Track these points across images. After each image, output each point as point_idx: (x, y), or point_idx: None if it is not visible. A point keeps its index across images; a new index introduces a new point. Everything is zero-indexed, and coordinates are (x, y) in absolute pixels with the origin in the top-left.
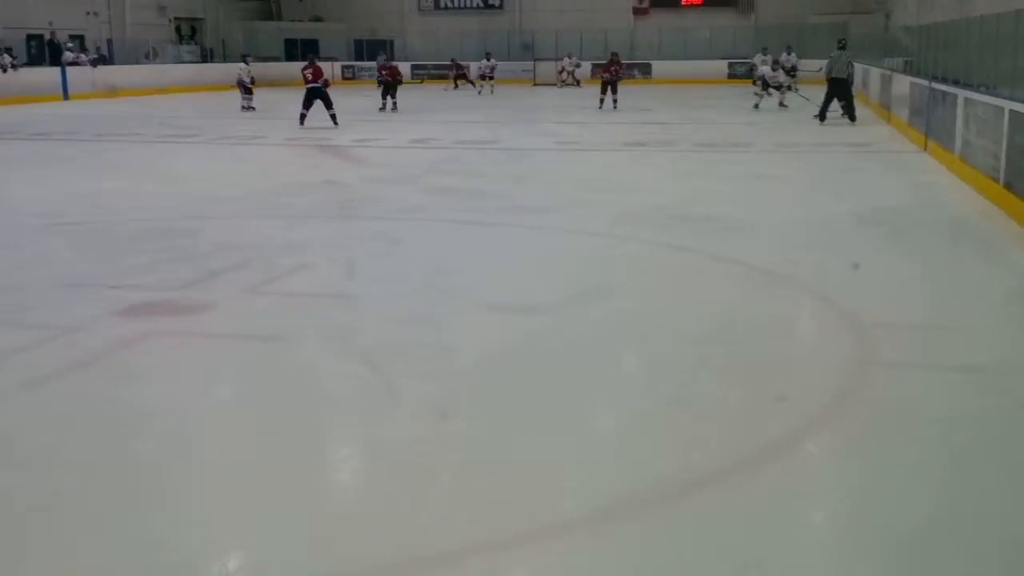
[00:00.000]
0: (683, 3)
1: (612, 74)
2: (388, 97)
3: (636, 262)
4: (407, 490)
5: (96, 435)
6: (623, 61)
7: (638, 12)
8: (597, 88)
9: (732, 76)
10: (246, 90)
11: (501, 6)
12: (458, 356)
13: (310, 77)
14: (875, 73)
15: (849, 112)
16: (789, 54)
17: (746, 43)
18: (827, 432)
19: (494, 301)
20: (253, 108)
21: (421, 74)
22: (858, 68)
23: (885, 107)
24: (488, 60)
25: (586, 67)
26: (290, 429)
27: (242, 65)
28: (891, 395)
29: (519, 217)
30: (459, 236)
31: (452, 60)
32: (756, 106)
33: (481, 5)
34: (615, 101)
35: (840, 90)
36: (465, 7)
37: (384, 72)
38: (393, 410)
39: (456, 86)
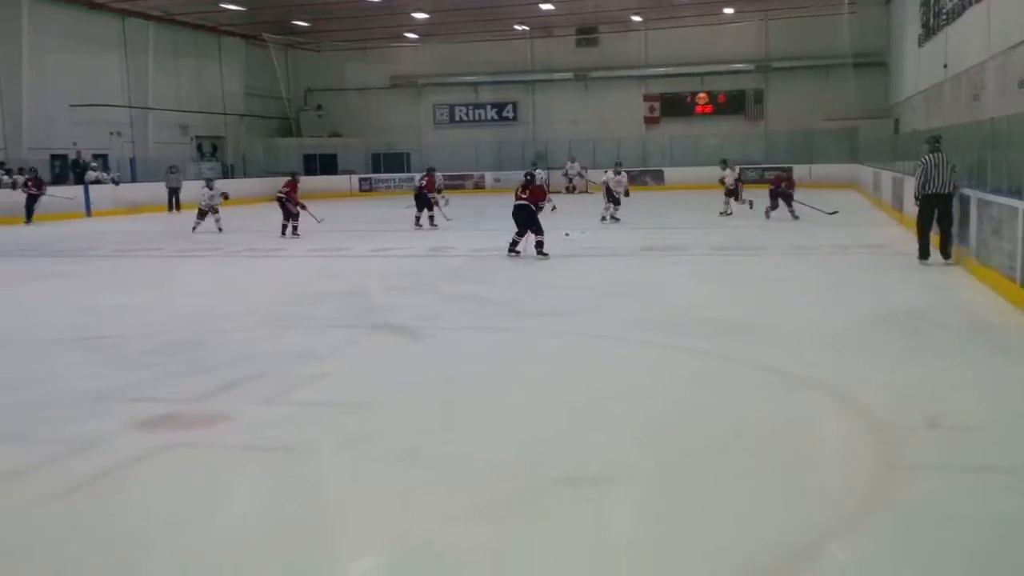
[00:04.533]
0: (696, 111)
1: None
2: (424, 210)
3: (654, 365)
4: None
5: (110, 551)
6: (624, 170)
7: (649, 120)
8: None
9: (744, 181)
10: (201, 213)
11: (515, 118)
12: (472, 465)
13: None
14: (886, 176)
15: (945, 246)
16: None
17: (757, 150)
18: (853, 536)
19: (512, 407)
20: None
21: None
22: (869, 171)
23: (897, 208)
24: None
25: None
26: (305, 542)
27: (204, 190)
28: (916, 497)
29: (537, 322)
30: (472, 343)
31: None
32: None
33: (495, 118)
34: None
35: (942, 208)
36: (479, 120)
37: (422, 183)
38: (408, 521)
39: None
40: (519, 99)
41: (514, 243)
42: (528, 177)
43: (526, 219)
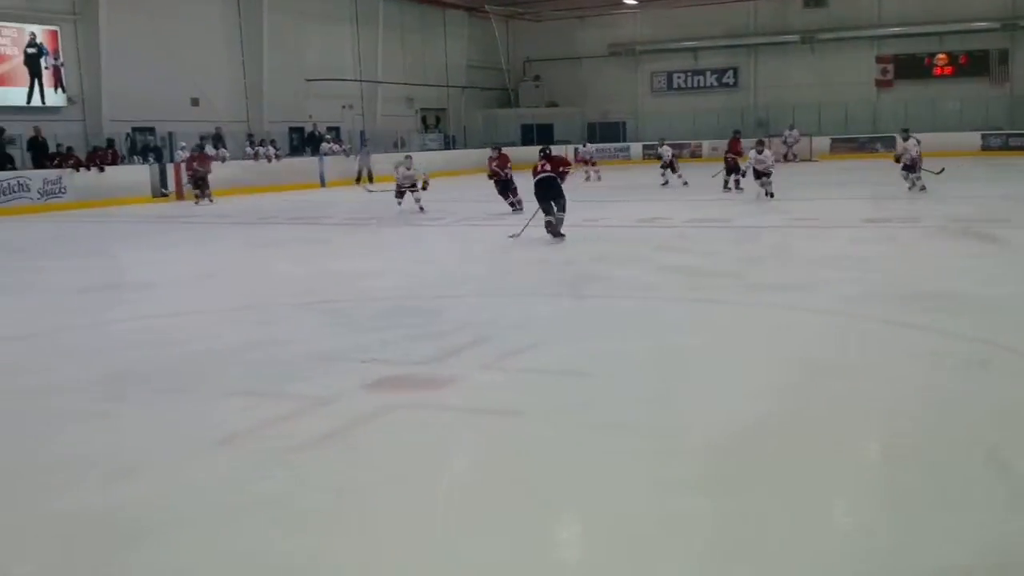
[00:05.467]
0: (934, 73)
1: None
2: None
3: (872, 341)
4: (651, 567)
5: (348, 498)
6: (861, 136)
7: (881, 84)
8: (826, 164)
9: (986, 148)
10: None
11: (736, 84)
12: (689, 436)
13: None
14: None
15: None
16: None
17: (1000, 115)
18: None
19: (726, 381)
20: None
21: (652, 154)
22: None
23: None
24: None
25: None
26: (519, 504)
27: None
28: None
29: (751, 295)
30: (688, 315)
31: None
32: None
33: (715, 84)
34: (737, 183)
35: None
36: (698, 87)
37: (494, 162)
38: (623, 489)
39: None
40: (740, 64)
41: (549, 223)
42: (544, 151)
43: (557, 191)
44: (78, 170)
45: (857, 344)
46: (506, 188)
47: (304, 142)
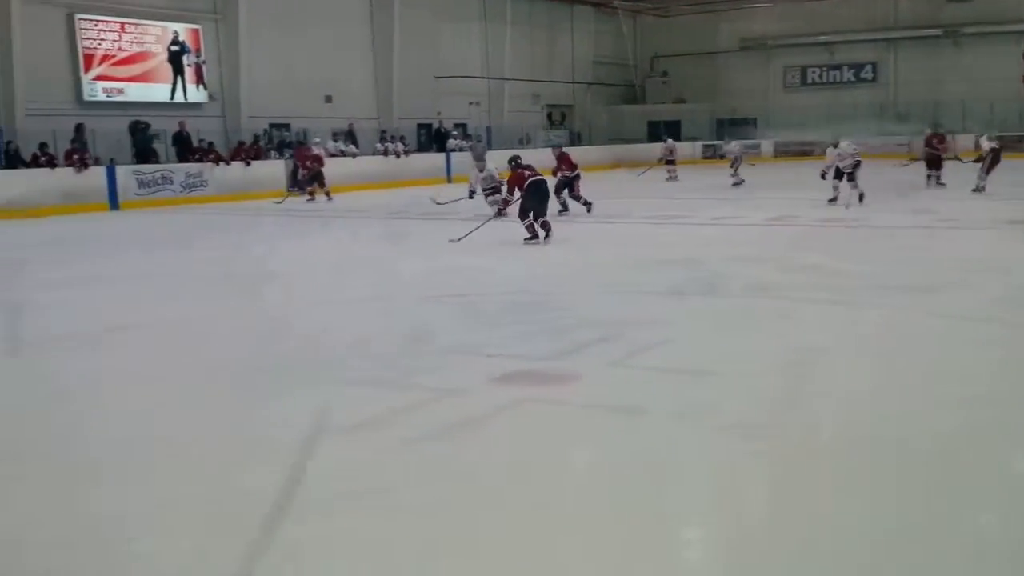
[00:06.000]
0: None
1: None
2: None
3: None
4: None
5: (471, 491)
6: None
7: None
8: (972, 163)
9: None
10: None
11: (874, 79)
12: (818, 441)
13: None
14: None
15: None
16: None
17: None
18: None
19: (860, 386)
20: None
21: (785, 151)
22: None
23: None
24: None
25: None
26: (642, 503)
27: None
28: None
29: (886, 298)
30: (821, 316)
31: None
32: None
33: (852, 80)
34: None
35: None
36: (833, 82)
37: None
38: (751, 490)
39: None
40: (879, 59)
41: (532, 227)
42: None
43: (547, 195)
44: (218, 164)
45: (1014, 354)
46: (563, 188)
47: (431, 138)
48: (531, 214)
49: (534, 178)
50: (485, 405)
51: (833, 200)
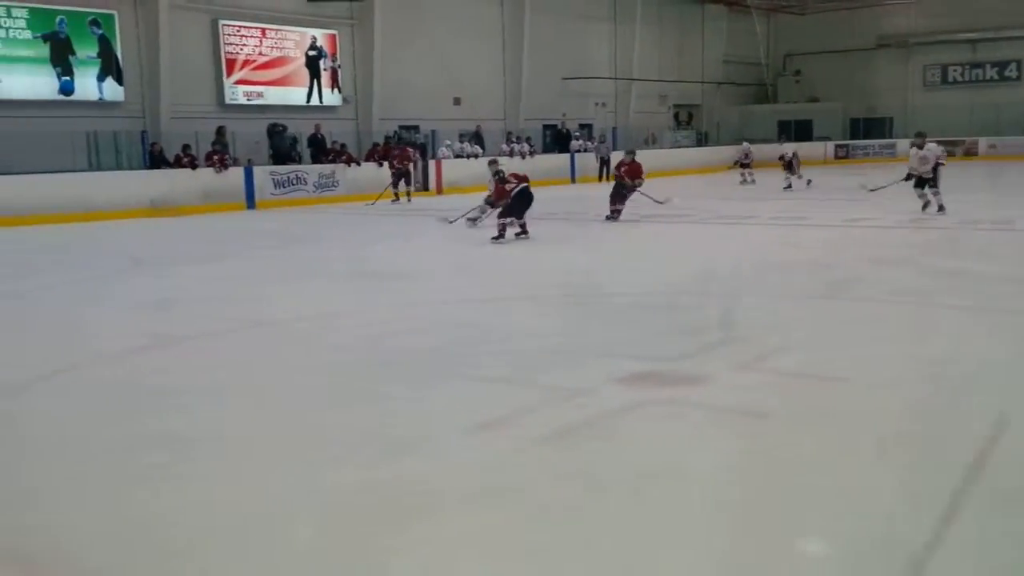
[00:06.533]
0: None
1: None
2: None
3: None
4: None
5: (594, 492)
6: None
7: None
8: None
9: None
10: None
11: (1020, 78)
12: (958, 453)
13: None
14: None
15: None
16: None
17: None
18: None
19: (1000, 403)
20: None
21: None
22: None
23: None
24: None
25: None
26: (768, 513)
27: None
28: None
29: None
30: (963, 324)
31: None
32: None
33: (996, 78)
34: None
35: None
36: (976, 80)
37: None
38: (877, 500)
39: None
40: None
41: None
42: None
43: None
44: (350, 165)
45: None
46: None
47: (556, 139)
48: (511, 218)
49: (518, 188)
50: (609, 406)
51: (927, 206)
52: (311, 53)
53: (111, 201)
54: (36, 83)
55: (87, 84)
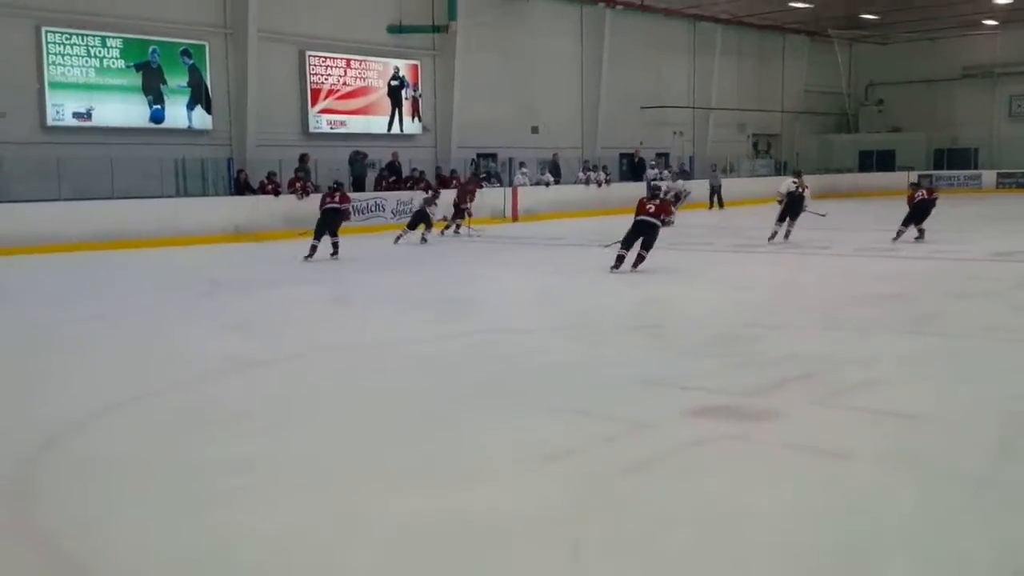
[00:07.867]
0: None
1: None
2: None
3: None
4: None
5: (664, 529)
6: None
7: None
8: None
9: None
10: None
11: None
12: None
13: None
14: None
15: None
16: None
17: None
18: None
19: None
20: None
21: (1008, 183)
22: None
23: None
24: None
25: None
26: (851, 550)
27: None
28: None
29: None
30: None
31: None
32: None
33: None
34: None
35: None
36: None
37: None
38: (959, 544)
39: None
40: None
41: (620, 258)
42: (656, 191)
43: (648, 235)
44: (427, 192)
45: None
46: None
47: (630, 167)
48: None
49: (639, 217)
50: (680, 440)
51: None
52: (393, 83)
53: (197, 226)
54: (129, 111)
55: (177, 112)
